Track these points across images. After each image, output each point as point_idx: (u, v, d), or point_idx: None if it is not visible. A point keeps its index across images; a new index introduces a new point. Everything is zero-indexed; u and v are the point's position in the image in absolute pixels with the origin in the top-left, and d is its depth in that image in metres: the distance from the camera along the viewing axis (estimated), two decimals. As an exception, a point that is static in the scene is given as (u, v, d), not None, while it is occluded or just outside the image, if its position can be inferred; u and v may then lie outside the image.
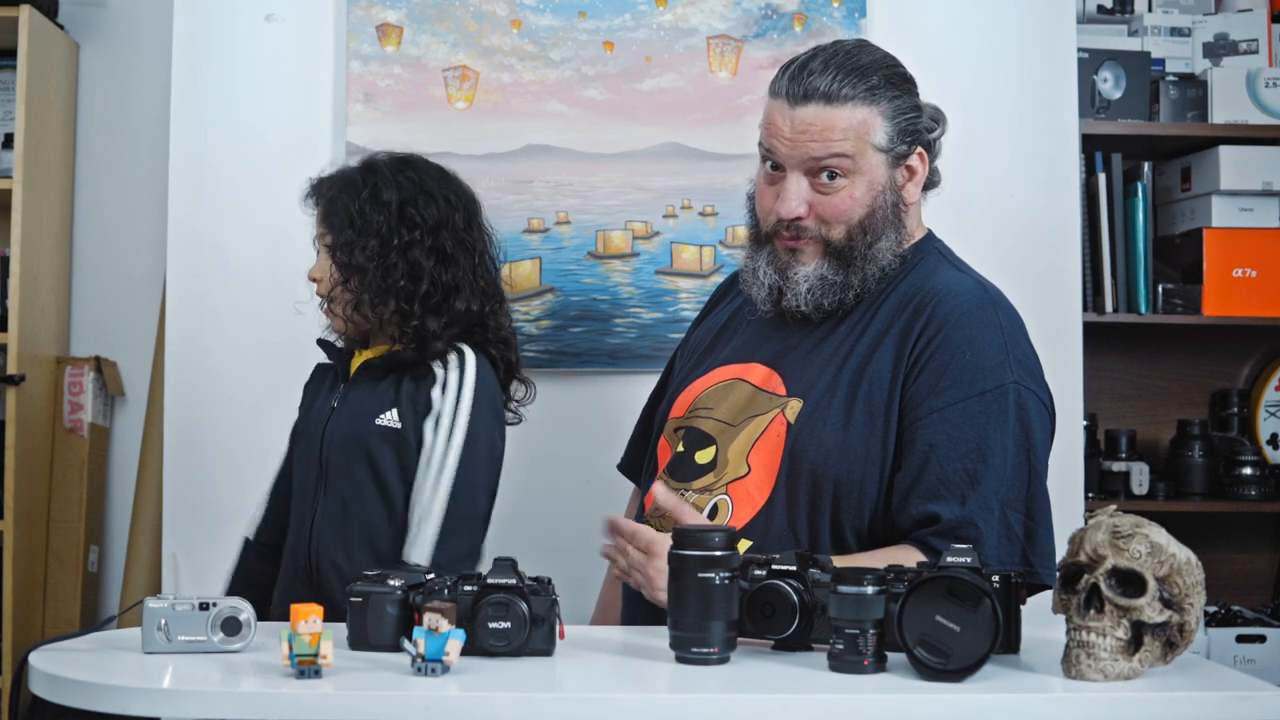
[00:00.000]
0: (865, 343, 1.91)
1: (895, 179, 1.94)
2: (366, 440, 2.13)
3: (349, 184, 2.17)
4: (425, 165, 2.23)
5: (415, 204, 2.16)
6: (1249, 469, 3.19)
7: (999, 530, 1.80)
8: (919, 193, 1.98)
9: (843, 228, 1.92)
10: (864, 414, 1.87)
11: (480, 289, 2.20)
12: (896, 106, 1.93)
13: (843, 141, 1.89)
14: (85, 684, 1.47)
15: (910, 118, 1.94)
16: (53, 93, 3.17)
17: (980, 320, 1.87)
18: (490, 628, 1.58)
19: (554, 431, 2.78)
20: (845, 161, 1.90)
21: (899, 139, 1.93)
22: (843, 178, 1.91)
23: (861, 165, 1.91)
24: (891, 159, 1.93)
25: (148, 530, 3.10)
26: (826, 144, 1.89)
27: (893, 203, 1.94)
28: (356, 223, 2.14)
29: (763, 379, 1.96)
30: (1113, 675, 1.48)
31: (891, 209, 1.94)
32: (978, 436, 1.81)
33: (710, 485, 1.93)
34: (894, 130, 1.92)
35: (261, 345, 2.72)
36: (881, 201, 1.93)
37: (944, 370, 1.84)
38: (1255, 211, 3.18)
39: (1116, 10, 3.30)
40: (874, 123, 1.91)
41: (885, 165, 1.93)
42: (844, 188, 1.91)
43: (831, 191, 1.91)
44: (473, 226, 2.21)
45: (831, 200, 1.91)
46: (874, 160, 1.92)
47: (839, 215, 1.91)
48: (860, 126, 1.90)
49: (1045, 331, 2.78)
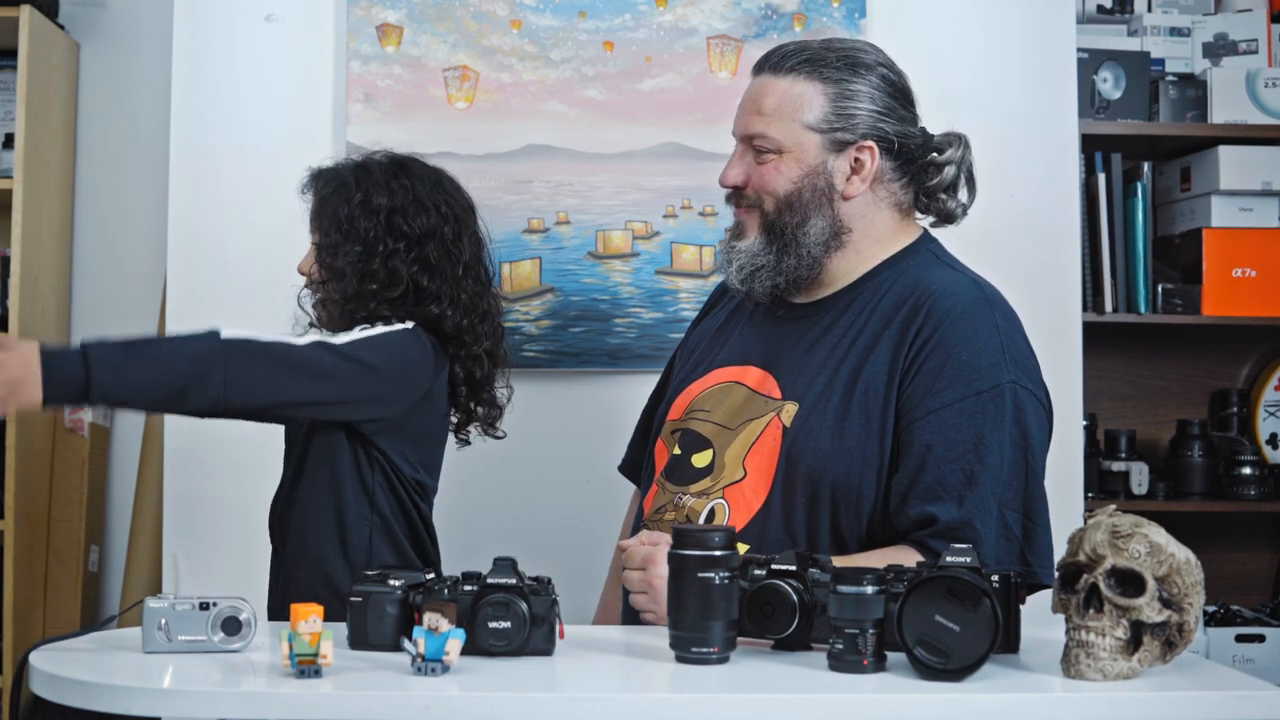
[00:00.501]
0: (861, 344, 1.91)
1: (832, 166, 1.93)
2: None
3: (342, 185, 2.13)
4: (421, 171, 2.17)
5: (405, 213, 2.11)
6: (1248, 469, 3.19)
7: (997, 530, 1.80)
8: (864, 188, 1.94)
9: (771, 200, 1.95)
10: (860, 416, 1.87)
11: (462, 303, 2.12)
12: (846, 91, 1.93)
13: (771, 114, 1.93)
14: (85, 684, 1.47)
15: (863, 107, 1.93)
16: (53, 93, 3.17)
17: (976, 319, 1.87)
18: (490, 627, 1.58)
19: (554, 431, 2.78)
20: (770, 140, 1.93)
21: (839, 123, 1.92)
22: (772, 154, 1.94)
23: (789, 144, 1.93)
24: (829, 143, 1.93)
25: (148, 530, 3.10)
26: (757, 117, 1.94)
27: (823, 188, 1.93)
28: (344, 227, 2.10)
29: (758, 382, 1.96)
30: (1112, 675, 1.48)
31: (822, 194, 1.93)
32: (975, 437, 1.81)
33: (707, 489, 1.93)
34: (833, 112, 1.92)
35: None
36: (810, 184, 1.93)
37: (940, 370, 1.84)
38: (1255, 211, 3.18)
39: (1116, 10, 3.30)
40: (809, 99, 1.93)
41: (819, 148, 1.93)
42: (772, 161, 1.94)
43: (763, 165, 1.95)
44: (462, 238, 2.15)
45: (761, 171, 1.95)
46: (805, 139, 1.93)
47: (765, 186, 1.95)
48: (794, 99, 1.93)
49: (1045, 331, 2.78)
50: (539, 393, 2.78)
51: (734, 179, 1.97)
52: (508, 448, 2.83)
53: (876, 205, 1.97)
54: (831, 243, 1.95)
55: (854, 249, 1.96)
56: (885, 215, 1.98)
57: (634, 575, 1.82)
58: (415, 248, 2.10)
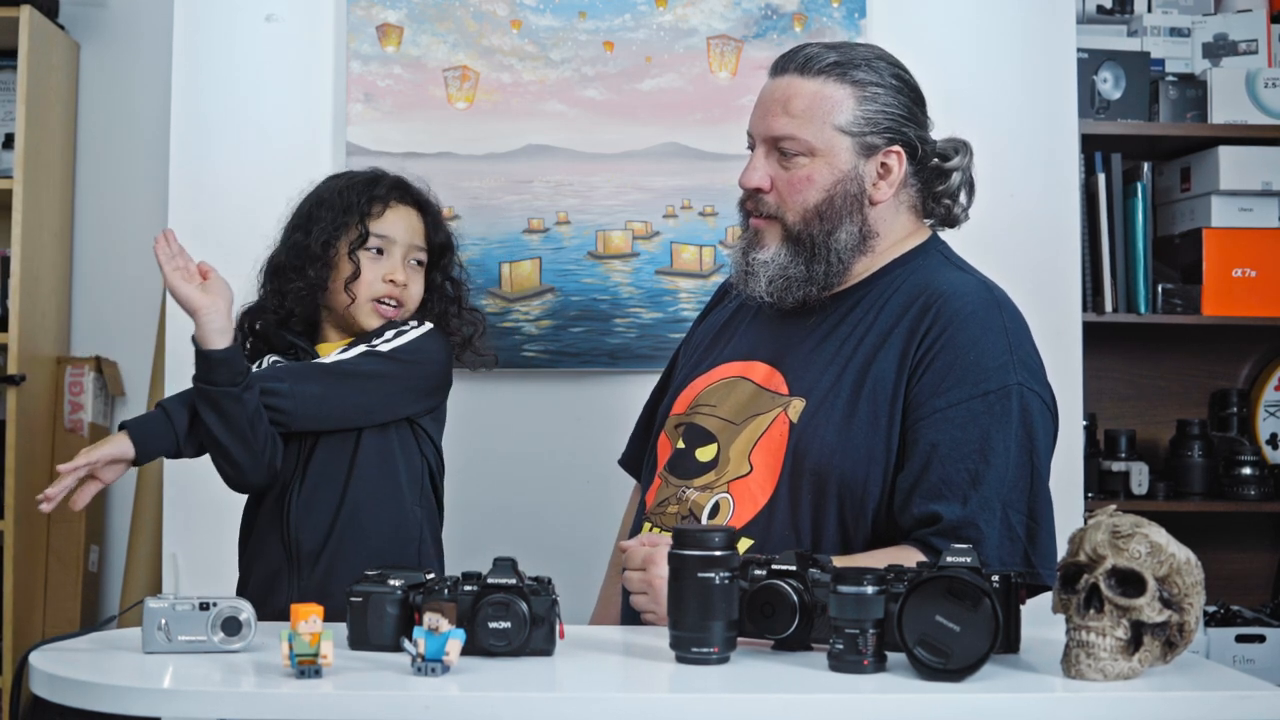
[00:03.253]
0: (869, 342, 1.91)
1: (863, 170, 1.93)
2: None
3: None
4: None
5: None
6: (1248, 469, 3.19)
7: (1000, 531, 1.80)
8: (891, 193, 1.95)
9: (799, 211, 1.92)
10: (868, 413, 1.87)
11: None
12: (874, 94, 1.92)
13: (802, 116, 1.91)
14: (85, 684, 1.47)
15: (889, 112, 1.92)
16: (53, 93, 3.17)
17: (985, 321, 1.87)
18: (490, 628, 1.58)
19: (554, 431, 2.78)
20: (800, 143, 1.91)
21: (869, 127, 1.92)
22: (803, 157, 1.91)
23: (821, 147, 1.91)
24: (859, 147, 1.92)
25: (148, 530, 3.10)
26: (786, 119, 1.91)
27: (855, 193, 1.92)
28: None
29: (765, 377, 1.96)
30: (1112, 675, 1.48)
31: (854, 200, 1.92)
32: (980, 437, 1.81)
33: (711, 483, 1.93)
34: (863, 116, 1.91)
35: (261, 345, 2.72)
36: (842, 190, 1.92)
37: (948, 370, 1.84)
38: (1255, 211, 3.18)
39: (1116, 10, 3.31)
40: (841, 101, 1.92)
41: (851, 152, 1.92)
42: (804, 166, 1.92)
43: (792, 169, 1.92)
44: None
45: (791, 177, 1.92)
46: (837, 143, 1.92)
47: (795, 193, 1.92)
48: (825, 101, 1.91)
49: (1045, 331, 2.77)
50: (539, 393, 2.78)
51: (758, 181, 1.94)
52: (508, 448, 2.83)
53: (897, 210, 1.97)
54: (860, 248, 1.94)
55: (875, 252, 1.96)
56: (904, 219, 1.99)
57: (634, 575, 1.82)
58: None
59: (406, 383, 2.12)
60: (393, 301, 2.16)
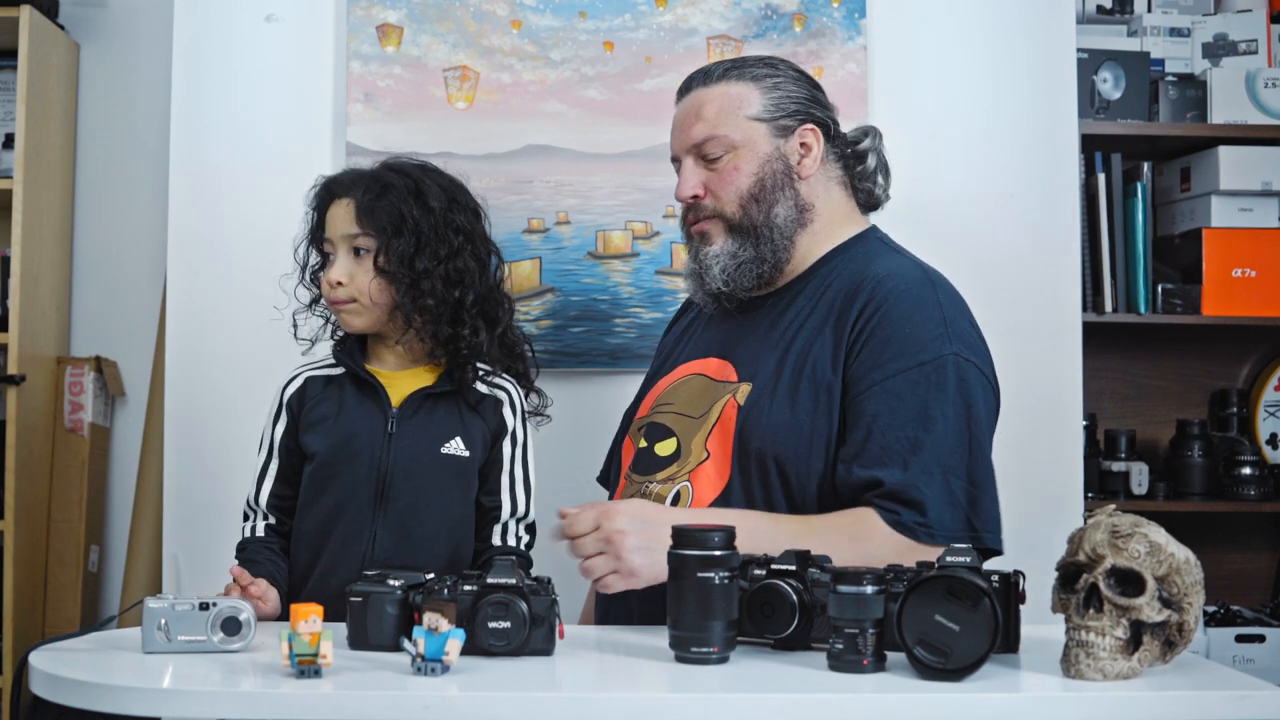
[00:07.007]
0: (810, 326, 1.97)
1: (785, 149, 2.03)
2: (434, 466, 2.07)
3: (388, 186, 2.08)
4: (442, 171, 2.16)
5: (454, 210, 2.10)
6: (1248, 469, 3.19)
7: (942, 495, 1.83)
8: (816, 167, 2.04)
9: (735, 200, 2.01)
10: (809, 394, 1.92)
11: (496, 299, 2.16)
12: (776, 84, 2.04)
13: (715, 117, 2.01)
14: (85, 684, 1.47)
15: (794, 96, 2.04)
16: (53, 93, 3.17)
17: (919, 297, 1.93)
18: (490, 627, 1.58)
19: (553, 431, 2.77)
20: (720, 141, 2.01)
21: (779, 111, 2.03)
22: (727, 154, 2.01)
23: (739, 139, 2.01)
24: (775, 130, 2.03)
25: (148, 530, 3.10)
26: (701, 123, 2.01)
27: (782, 171, 2.02)
28: (406, 226, 2.05)
29: (717, 370, 2.03)
30: (1112, 675, 1.48)
31: (783, 177, 2.02)
32: (919, 405, 1.86)
33: (674, 475, 1.98)
34: (771, 102, 2.03)
35: (262, 345, 2.72)
36: (770, 170, 2.02)
37: (885, 345, 1.89)
38: (1255, 211, 3.18)
39: (1116, 10, 3.31)
40: (746, 94, 2.03)
41: (768, 136, 2.03)
42: (730, 162, 2.02)
43: (720, 167, 2.02)
44: (488, 238, 2.17)
45: (719, 175, 2.02)
46: (754, 131, 2.02)
47: (727, 185, 2.01)
48: (732, 98, 2.02)
49: (1045, 331, 2.80)
50: (539, 393, 2.78)
51: (692, 189, 2.04)
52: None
53: (828, 184, 2.07)
54: (799, 221, 2.03)
55: (815, 228, 2.04)
56: (836, 193, 2.08)
57: (587, 540, 1.79)
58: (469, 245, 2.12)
59: None
60: (341, 304, 2.08)
